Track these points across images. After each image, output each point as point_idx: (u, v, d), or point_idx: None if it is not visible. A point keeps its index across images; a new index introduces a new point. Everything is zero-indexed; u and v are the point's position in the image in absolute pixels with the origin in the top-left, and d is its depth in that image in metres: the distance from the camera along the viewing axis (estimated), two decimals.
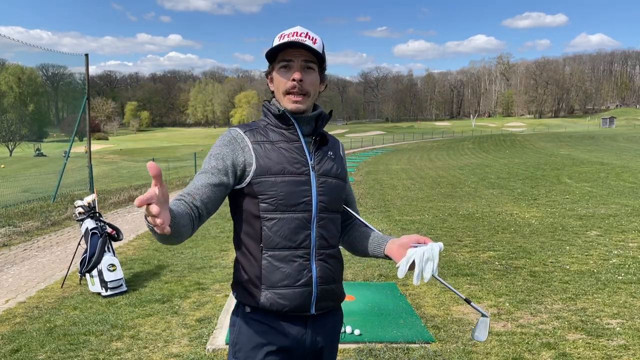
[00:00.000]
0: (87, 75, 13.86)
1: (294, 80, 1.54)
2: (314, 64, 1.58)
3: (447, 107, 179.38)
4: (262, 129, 1.61)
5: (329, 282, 1.60)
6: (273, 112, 1.61)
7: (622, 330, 3.97)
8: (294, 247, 1.53)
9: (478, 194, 13.01)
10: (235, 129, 1.61)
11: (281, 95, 1.58)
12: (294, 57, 1.55)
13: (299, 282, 1.53)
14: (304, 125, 1.61)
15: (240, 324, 1.60)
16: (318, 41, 1.59)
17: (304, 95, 1.57)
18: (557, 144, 38.73)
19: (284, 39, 1.55)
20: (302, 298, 1.54)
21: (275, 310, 1.54)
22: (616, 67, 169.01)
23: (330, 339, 1.67)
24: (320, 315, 1.61)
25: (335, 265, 1.63)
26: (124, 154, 54.01)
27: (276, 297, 1.52)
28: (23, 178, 15.24)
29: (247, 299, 1.57)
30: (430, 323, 4.21)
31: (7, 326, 4.38)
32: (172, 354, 3.75)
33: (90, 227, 5.37)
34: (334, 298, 1.64)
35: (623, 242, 7.02)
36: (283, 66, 1.56)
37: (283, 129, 1.60)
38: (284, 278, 1.52)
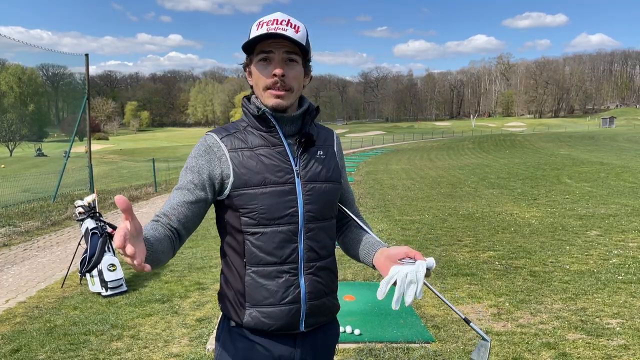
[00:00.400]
0: (87, 75, 13.86)
1: (275, 75, 1.38)
2: (297, 56, 1.41)
3: (447, 107, 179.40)
4: (241, 132, 1.46)
5: (319, 297, 1.46)
6: (252, 112, 1.45)
7: (622, 330, 3.97)
8: (279, 263, 1.40)
9: (478, 193, 13.01)
10: (212, 136, 1.45)
11: (261, 91, 1.42)
12: (275, 48, 1.38)
13: (286, 300, 1.41)
14: (287, 125, 1.45)
15: (225, 339, 1.49)
16: (301, 29, 1.40)
17: (286, 90, 1.40)
18: (557, 144, 38.73)
19: (262, 27, 1.37)
20: (289, 316, 1.42)
21: (260, 329, 1.43)
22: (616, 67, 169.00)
23: (323, 356, 1.54)
24: (311, 332, 1.48)
25: (328, 277, 1.49)
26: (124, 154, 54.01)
27: (261, 315, 1.41)
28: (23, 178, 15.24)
29: (231, 315, 1.46)
30: (430, 323, 4.21)
31: (7, 326, 4.38)
32: (172, 353, 3.75)
33: (90, 227, 5.37)
34: (325, 312, 1.50)
35: (623, 242, 7.01)
36: (262, 59, 1.39)
37: (263, 131, 1.44)
38: (268, 296, 1.40)
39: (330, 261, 1.52)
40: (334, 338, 1.60)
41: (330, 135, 1.59)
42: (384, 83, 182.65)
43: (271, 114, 1.42)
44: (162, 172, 18.71)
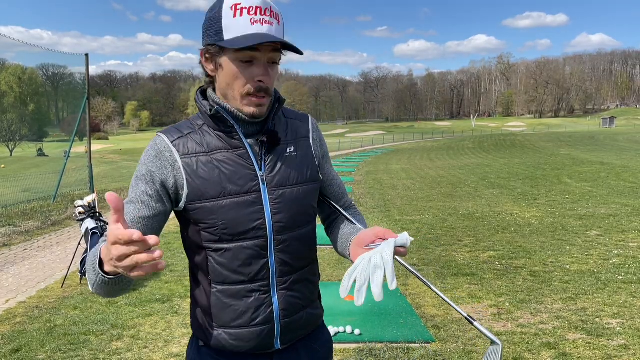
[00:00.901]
0: (87, 75, 13.86)
1: (260, 82, 1.19)
2: (279, 54, 1.21)
3: (447, 107, 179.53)
4: (196, 132, 1.25)
5: (296, 312, 1.30)
6: (205, 112, 1.24)
7: (622, 330, 3.97)
8: (247, 281, 1.23)
9: (478, 193, 13.01)
10: (162, 138, 1.24)
11: (236, 94, 1.20)
12: (263, 52, 1.17)
13: (256, 321, 1.25)
14: (247, 123, 1.25)
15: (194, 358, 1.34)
16: (281, 18, 1.20)
17: (267, 95, 1.22)
18: (557, 144, 38.73)
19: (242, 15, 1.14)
20: (260, 337, 1.26)
21: (229, 351, 1.28)
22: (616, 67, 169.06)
23: None
24: (291, 347, 1.33)
25: (305, 289, 1.33)
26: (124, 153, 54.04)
27: (229, 338, 1.26)
28: (23, 178, 15.25)
29: (200, 335, 1.32)
30: (430, 323, 4.21)
31: (7, 326, 4.38)
32: (172, 353, 3.75)
33: (90, 227, 5.37)
34: (304, 326, 1.34)
35: (623, 242, 7.01)
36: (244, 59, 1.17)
37: (220, 131, 1.24)
38: (236, 317, 1.24)
39: (308, 270, 1.35)
40: (324, 345, 1.43)
41: (304, 124, 1.37)
42: (384, 83, 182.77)
43: (227, 112, 1.23)
44: None
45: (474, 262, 6.15)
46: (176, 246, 7.55)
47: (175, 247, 7.50)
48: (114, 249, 0.89)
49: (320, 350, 1.41)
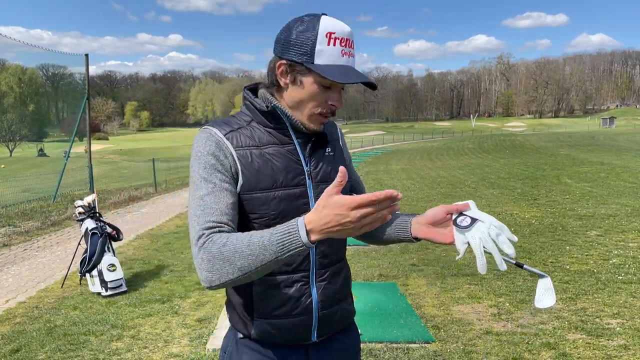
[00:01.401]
0: (87, 75, 13.87)
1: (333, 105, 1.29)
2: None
3: (447, 107, 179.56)
4: (245, 128, 1.32)
5: (332, 305, 1.38)
6: (259, 108, 1.32)
7: (622, 330, 3.97)
8: (290, 272, 1.30)
9: (478, 193, 13.01)
10: (214, 131, 1.29)
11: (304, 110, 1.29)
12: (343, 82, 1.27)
13: (296, 311, 1.32)
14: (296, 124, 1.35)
15: (232, 351, 1.40)
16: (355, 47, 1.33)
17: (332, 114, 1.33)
18: (557, 144, 38.73)
19: (335, 45, 1.23)
20: (299, 328, 1.33)
21: (269, 341, 1.35)
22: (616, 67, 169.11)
23: None
24: (325, 340, 1.40)
25: (342, 283, 1.42)
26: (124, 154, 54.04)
27: (270, 327, 1.32)
28: (23, 178, 15.24)
29: (238, 326, 1.38)
30: (430, 323, 4.21)
31: (7, 326, 4.38)
32: (172, 354, 3.75)
33: (90, 227, 5.37)
34: (340, 320, 1.42)
35: (623, 242, 7.01)
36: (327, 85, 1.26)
37: (271, 127, 1.32)
38: (278, 307, 1.31)
39: (343, 265, 1.45)
40: (356, 342, 1.51)
41: (335, 129, 1.51)
42: (384, 83, 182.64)
43: (282, 111, 1.31)
44: (162, 172, 18.70)
45: (474, 262, 6.12)
46: (176, 246, 7.55)
47: (175, 247, 7.50)
48: (353, 212, 1.00)
49: (353, 346, 1.48)
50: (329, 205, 1.03)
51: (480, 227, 1.17)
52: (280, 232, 1.09)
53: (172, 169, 20.41)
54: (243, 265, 1.10)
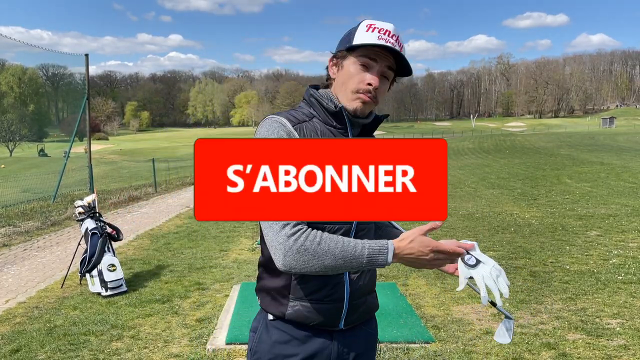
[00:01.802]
0: (87, 75, 13.87)
1: (369, 84, 1.38)
2: (392, 72, 1.43)
3: (447, 107, 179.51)
4: (309, 123, 1.41)
5: (361, 296, 1.50)
6: (326, 107, 1.42)
7: (622, 330, 3.97)
8: None
9: (478, 194, 13.01)
10: (284, 121, 1.37)
11: (347, 90, 1.41)
12: (380, 58, 1.38)
13: (330, 297, 1.42)
14: (355, 127, 1.47)
15: (262, 331, 1.50)
16: (404, 50, 1.42)
17: (372, 100, 1.41)
18: (557, 144, 38.73)
19: (373, 32, 1.36)
20: (330, 313, 1.44)
21: (300, 322, 1.44)
22: (616, 67, 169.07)
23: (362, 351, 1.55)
24: (350, 329, 1.51)
25: (370, 277, 1.53)
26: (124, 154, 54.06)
27: (304, 310, 1.42)
28: (23, 178, 15.24)
29: (271, 308, 1.47)
30: (430, 323, 4.21)
31: (7, 326, 4.38)
32: (172, 354, 3.75)
33: (90, 227, 5.37)
34: (366, 311, 1.55)
35: (623, 242, 7.01)
36: (365, 63, 1.38)
37: (332, 126, 1.43)
38: (314, 292, 1.41)
39: None
40: (374, 332, 1.64)
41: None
42: None
43: (346, 113, 1.42)
44: (162, 172, 18.71)
45: None
46: (176, 246, 7.55)
47: (175, 247, 7.50)
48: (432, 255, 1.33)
49: (373, 335, 1.62)
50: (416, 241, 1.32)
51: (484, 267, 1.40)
52: (372, 248, 1.29)
53: (172, 169, 20.41)
54: (330, 265, 1.27)
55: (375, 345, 1.64)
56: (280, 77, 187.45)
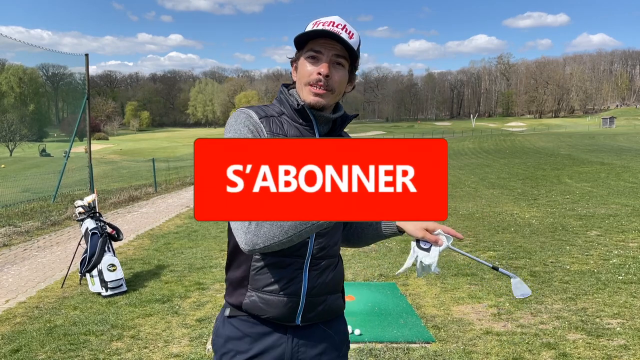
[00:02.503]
0: (87, 75, 13.87)
1: (319, 74, 1.39)
2: (345, 61, 1.43)
3: (447, 107, 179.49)
4: (277, 118, 1.45)
5: (320, 294, 1.48)
6: (291, 104, 1.46)
7: (622, 330, 3.97)
8: (287, 255, 1.42)
9: (478, 193, 13.01)
10: (250, 113, 1.43)
11: (302, 86, 1.44)
12: (325, 49, 1.39)
13: (286, 291, 1.43)
14: (322, 124, 1.48)
15: (219, 326, 1.53)
16: (355, 36, 1.43)
17: (327, 90, 1.41)
18: (557, 144, 38.72)
19: (317, 26, 1.40)
20: (286, 307, 1.44)
21: (256, 314, 1.46)
22: (616, 67, 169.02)
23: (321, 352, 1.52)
24: (308, 327, 1.50)
25: (333, 278, 1.52)
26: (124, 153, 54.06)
27: (259, 301, 1.44)
28: (23, 178, 15.25)
29: (231, 298, 1.50)
30: (431, 323, 4.21)
31: (7, 326, 4.38)
32: (172, 354, 3.75)
33: (90, 227, 5.37)
34: (327, 310, 1.52)
35: (623, 242, 7.01)
36: (311, 56, 1.40)
37: (298, 123, 1.46)
38: (270, 283, 1.43)
39: (337, 261, 1.55)
40: (339, 333, 1.59)
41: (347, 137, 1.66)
42: (384, 83, 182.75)
43: (310, 110, 1.44)
44: (162, 172, 18.71)
45: (474, 262, 6.15)
46: (176, 246, 7.55)
47: (175, 247, 7.50)
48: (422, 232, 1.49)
49: (335, 336, 1.57)
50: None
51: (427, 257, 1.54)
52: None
53: (172, 169, 20.42)
54: (290, 226, 1.25)
55: (341, 348, 1.60)
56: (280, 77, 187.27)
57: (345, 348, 1.63)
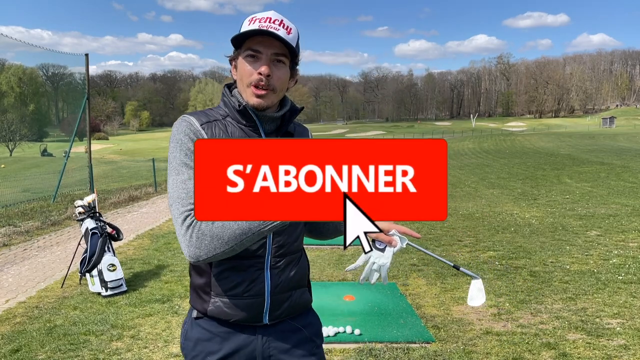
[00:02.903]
0: (87, 75, 13.87)
1: (260, 74, 1.36)
2: (285, 57, 1.39)
3: (447, 107, 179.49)
4: (220, 121, 1.43)
5: (285, 291, 1.48)
6: (233, 105, 1.44)
7: (622, 330, 3.97)
8: (245, 257, 1.40)
9: (478, 193, 13.01)
10: (191, 120, 1.41)
11: (244, 87, 1.41)
12: (264, 47, 1.36)
13: (249, 292, 1.42)
14: (267, 123, 1.45)
15: (187, 329, 1.53)
16: (293, 31, 1.39)
17: (269, 90, 1.39)
18: (557, 144, 38.73)
19: (254, 23, 1.36)
20: (251, 308, 1.44)
21: (222, 319, 1.45)
22: (616, 67, 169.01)
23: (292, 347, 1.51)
24: (277, 324, 1.50)
25: (296, 273, 1.51)
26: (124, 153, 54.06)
27: (224, 305, 1.43)
28: (23, 178, 15.25)
29: (197, 304, 1.49)
30: (430, 323, 4.21)
31: (7, 326, 4.38)
32: (172, 354, 3.75)
33: (90, 227, 5.37)
34: (293, 306, 1.51)
35: (623, 242, 7.02)
36: (250, 55, 1.38)
37: (242, 124, 1.44)
38: (233, 287, 1.42)
39: (300, 255, 1.54)
40: (309, 326, 1.57)
41: (307, 133, 1.62)
42: (384, 83, 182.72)
43: (253, 111, 1.42)
44: (162, 172, 18.69)
45: (474, 262, 6.15)
46: (176, 246, 7.55)
47: (175, 247, 7.50)
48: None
49: (305, 330, 1.55)
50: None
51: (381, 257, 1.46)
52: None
53: None
54: (231, 238, 1.25)
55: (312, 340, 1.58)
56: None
57: (319, 340, 1.61)
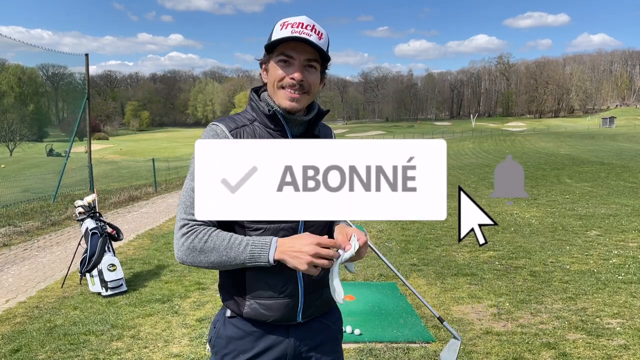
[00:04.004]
0: (87, 75, 13.87)
1: (293, 79, 1.40)
2: (317, 63, 1.43)
3: (447, 107, 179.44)
4: (248, 126, 1.46)
5: (317, 289, 1.52)
6: (262, 110, 1.47)
7: (622, 330, 3.97)
8: None
9: (478, 193, 13.01)
10: (221, 128, 1.44)
11: (275, 89, 1.44)
12: (297, 53, 1.39)
13: (284, 293, 1.46)
14: (295, 126, 1.48)
15: (220, 327, 1.55)
16: (324, 36, 1.42)
17: (302, 93, 1.42)
18: (557, 144, 38.73)
19: (286, 28, 1.38)
20: (287, 309, 1.47)
21: (259, 320, 1.48)
22: (616, 67, 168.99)
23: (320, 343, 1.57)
24: (308, 322, 1.54)
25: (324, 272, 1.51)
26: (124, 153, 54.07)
27: (260, 307, 1.46)
28: (23, 178, 15.25)
29: (231, 306, 1.51)
30: (430, 323, 4.21)
31: (7, 326, 4.38)
32: (172, 353, 3.75)
33: (90, 227, 5.37)
34: (324, 303, 1.56)
35: (623, 242, 7.02)
36: (282, 60, 1.41)
37: (271, 129, 1.47)
38: (268, 289, 1.45)
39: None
40: (336, 322, 1.64)
41: (329, 134, 1.64)
42: (384, 83, 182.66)
43: (282, 115, 1.45)
44: (162, 172, 18.71)
45: (474, 262, 6.15)
46: None
47: None
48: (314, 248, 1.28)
49: (333, 326, 1.62)
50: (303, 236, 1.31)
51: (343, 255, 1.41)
52: (255, 245, 1.34)
53: (172, 169, 20.41)
54: (216, 260, 1.35)
55: (337, 337, 1.65)
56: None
57: (340, 336, 1.68)
